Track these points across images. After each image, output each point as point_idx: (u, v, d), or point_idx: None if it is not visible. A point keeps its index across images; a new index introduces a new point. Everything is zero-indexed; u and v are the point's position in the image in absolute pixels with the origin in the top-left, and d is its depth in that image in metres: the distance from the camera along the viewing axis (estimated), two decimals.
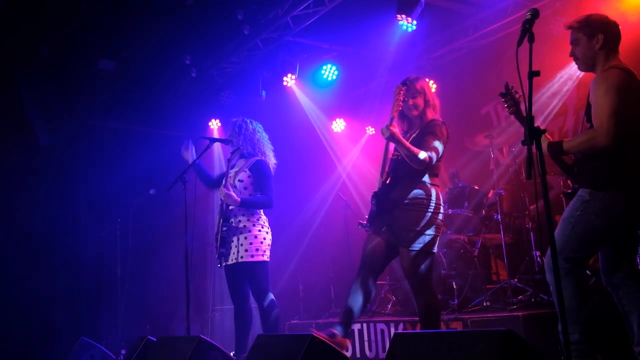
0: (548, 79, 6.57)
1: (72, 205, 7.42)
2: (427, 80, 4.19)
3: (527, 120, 2.61)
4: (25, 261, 7.03)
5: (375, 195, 3.91)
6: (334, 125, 8.67)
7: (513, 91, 3.30)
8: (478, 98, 7.53)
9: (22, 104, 7.19)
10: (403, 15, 6.11)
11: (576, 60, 3.38)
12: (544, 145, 3.20)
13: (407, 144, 3.78)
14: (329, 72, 7.75)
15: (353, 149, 8.45)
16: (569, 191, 3.31)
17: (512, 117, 3.42)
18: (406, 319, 5.34)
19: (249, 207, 4.68)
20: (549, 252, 2.99)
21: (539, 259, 5.57)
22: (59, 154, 7.47)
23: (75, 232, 7.53)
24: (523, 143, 2.62)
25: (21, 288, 6.92)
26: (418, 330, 4.17)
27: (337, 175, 8.41)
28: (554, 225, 2.86)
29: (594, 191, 3.10)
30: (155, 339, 4.52)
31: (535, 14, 2.76)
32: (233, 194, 4.59)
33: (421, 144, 3.82)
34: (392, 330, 5.34)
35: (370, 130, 8.49)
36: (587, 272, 5.48)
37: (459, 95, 7.47)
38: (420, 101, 3.98)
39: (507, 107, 3.33)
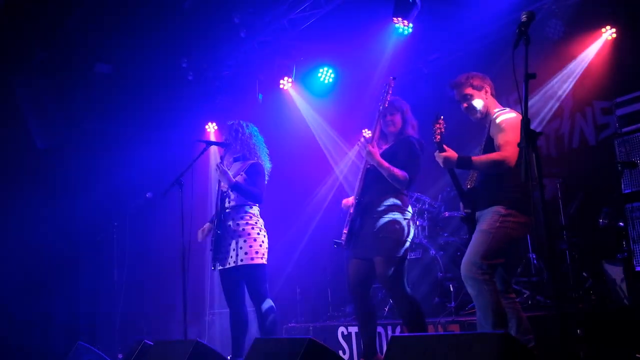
0: (544, 81, 6.59)
1: (69, 208, 7.40)
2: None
3: (524, 122, 2.61)
4: (21, 265, 7.01)
5: (350, 219, 4.10)
6: (331, 128, 8.66)
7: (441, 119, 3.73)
8: None
9: (19, 107, 7.18)
10: (399, 18, 6.12)
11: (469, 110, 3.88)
12: (454, 161, 3.63)
13: (385, 164, 3.97)
14: (326, 75, 7.75)
15: (350, 152, 8.44)
16: (464, 215, 3.80)
17: None
18: None
19: (239, 191, 4.65)
20: (464, 261, 3.57)
21: (535, 261, 5.57)
22: (55, 157, 7.46)
23: (72, 236, 7.51)
24: (519, 145, 2.63)
25: (17, 292, 6.90)
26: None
27: (334, 178, 8.40)
28: (551, 226, 2.93)
29: (507, 208, 3.56)
30: (152, 343, 4.51)
31: (531, 16, 2.76)
32: (229, 172, 4.59)
33: (398, 162, 4.01)
34: (390, 333, 5.34)
35: (368, 134, 8.49)
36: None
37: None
38: (397, 118, 4.16)
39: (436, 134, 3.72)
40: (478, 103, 3.83)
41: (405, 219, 4.06)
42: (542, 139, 6.70)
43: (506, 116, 3.70)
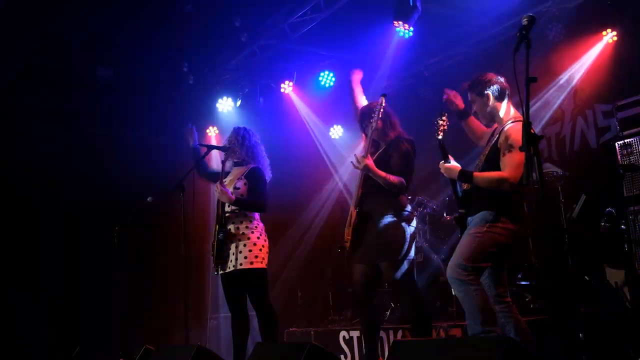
0: (545, 85, 6.58)
1: (69, 212, 7.40)
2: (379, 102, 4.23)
3: (525, 126, 2.61)
4: (22, 268, 7.00)
5: (353, 227, 4.10)
6: (332, 132, 8.67)
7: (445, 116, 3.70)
8: None
9: (20, 111, 7.19)
10: (400, 22, 6.12)
11: (476, 116, 3.86)
12: (455, 173, 3.60)
13: (382, 173, 3.99)
14: (326, 78, 7.75)
15: (351, 155, 8.44)
16: (457, 215, 3.77)
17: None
18: (405, 326, 5.32)
19: (241, 207, 4.66)
20: (449, 264, 3.57)
21: (536, 265, 5.56)
22: (56, 161, 7.46)
23: (73, 239, 7.50)
24: (520, 149, 2.62)
25: (17, 296, 6.89)
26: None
27: (334, 182, 8.40)
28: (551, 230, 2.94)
29: (497, 214, 3.53)
30: (153, 348, 4.50)
31: (531, 20, 2.76)
32: (228, 190, 4.58)
33: (391, 168, 4.04)
34: (391, 338, 5.33)
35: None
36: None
37: None
38: (379, 123, 4.16)
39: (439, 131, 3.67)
40: (479, 109, 3.76)
41: (406, 220, 4.06)
42: (543, 142, 6.69)
43: (518, 131, 3.44)
